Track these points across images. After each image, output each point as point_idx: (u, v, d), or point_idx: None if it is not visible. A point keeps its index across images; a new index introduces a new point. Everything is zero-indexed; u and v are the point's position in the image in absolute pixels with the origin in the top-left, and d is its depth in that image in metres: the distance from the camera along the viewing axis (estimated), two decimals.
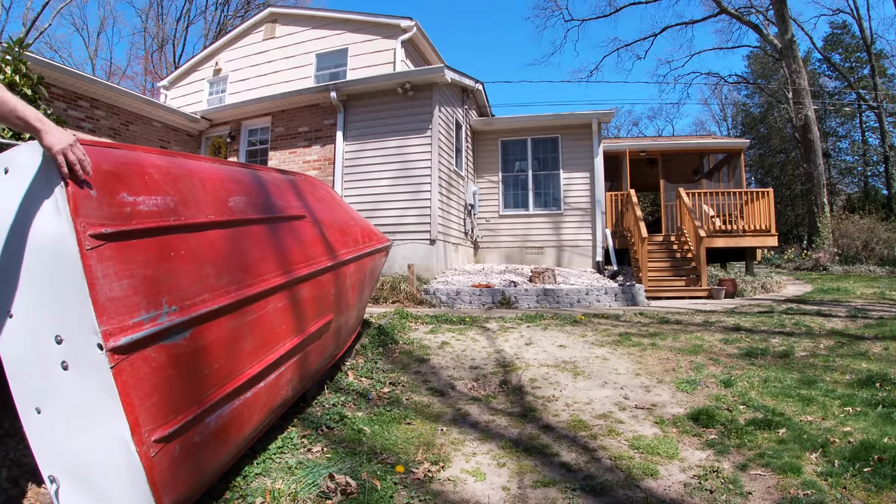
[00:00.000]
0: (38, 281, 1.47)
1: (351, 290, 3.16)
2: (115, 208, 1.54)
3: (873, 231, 15.39)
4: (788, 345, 4.33)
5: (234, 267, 1.96)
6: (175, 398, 1.57)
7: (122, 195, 1.58)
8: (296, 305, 2.34)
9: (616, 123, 39.67)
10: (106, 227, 1.48)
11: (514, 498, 2.00)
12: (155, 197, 1.70)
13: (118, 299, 1.46)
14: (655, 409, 2.94)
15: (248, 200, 2.23)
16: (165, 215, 1.71)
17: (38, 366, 1.49)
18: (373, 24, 10.67)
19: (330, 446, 2.39)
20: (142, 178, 1.69)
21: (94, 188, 1.49)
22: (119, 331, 1.43)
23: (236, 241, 2.04)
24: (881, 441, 2.33)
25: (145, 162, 1.76)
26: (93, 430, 1.45)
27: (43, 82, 4.01)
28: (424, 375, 3.59)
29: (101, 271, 1.43)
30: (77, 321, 1.41)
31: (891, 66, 27.48)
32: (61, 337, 1.45)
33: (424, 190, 8.36)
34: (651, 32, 31.02)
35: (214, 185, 2.05)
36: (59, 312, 1.45)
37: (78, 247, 1.40)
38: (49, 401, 1.50)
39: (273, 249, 2.25)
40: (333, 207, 3.32)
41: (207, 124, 10.42)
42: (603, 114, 10.25)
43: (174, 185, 1.81)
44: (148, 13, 29.75)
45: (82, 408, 1.45)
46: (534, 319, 5.54)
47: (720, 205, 10.58)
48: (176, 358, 1.59)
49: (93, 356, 1.40)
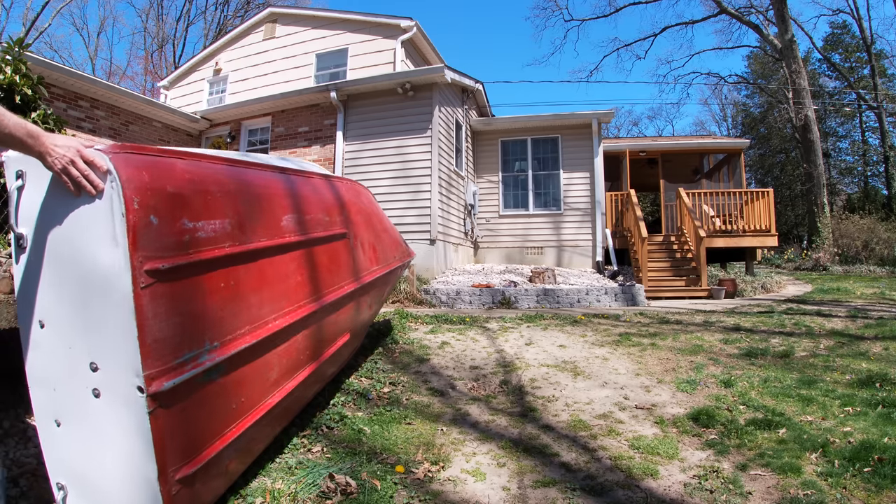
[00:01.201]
0: (80, 302, 1.37)
1: (370, 308, 3.13)
2: (174, 238, 1.43)
3: (873, 231, 15.39)
4: (788, 345, 4.33)
5: (277, 295, 1.87)
6: (202, 435, 1.52)
7: (183, 221, 1.47)
8: (320, 331, 2.28)
9: (616, 123, 39.69)
10: (163, 261, 1.38)
11: (514, 498, 2.00)
12: (214, 221, 1.58)
13: (165, 340, 1.37)
14: (655, 409, 2.94)
15: (297, 219, 2.11)
16: (221, 241, 1.60)
17: (65, 383, 1.43)
18: (373, 24, 10.67)
19: (330, 446, 2.39)
20: (204, 199, 1.56)
21: (155, 215, 1.37)
22: (161, 374, 1.35)
23: (282, 268, 1.94)
24: (881, 441, 2.33)
25: (210, 178, 1.62)
26: (115, 460, 1.40)
27: (43, 82, 4.00)
28: (424, 375, 3.59)
29: (151, 312, 1.33)
30: (118, 358, 1.33)
31: (891, 66, 27.48)
32: (97, 365, 1.37)
33: (424, 190, 8.36)
34: (651, 32, 31.09)
35: (270, 201, 1.93)
36: (99, 341, 1.36)
37: (132, 285, 1.29)
38: (71, 419, 1.44)
39: (312, 275, 2.16)
40: (371, 218, 3.19)
41: (207, 124, 10.41)
42: (603, 114, 10.25)
43: (233, 205, 1.69)
44: (148, 13, 29.79)
45: (108, 437, 1.39)
46: (534, 319, 5.54)
47: (720, 205, 10.58)
48: (208, 396, 1.53)
49: (130, 395, 1.33)
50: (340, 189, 2.79)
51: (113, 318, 1.32)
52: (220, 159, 1.76)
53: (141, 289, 1.31)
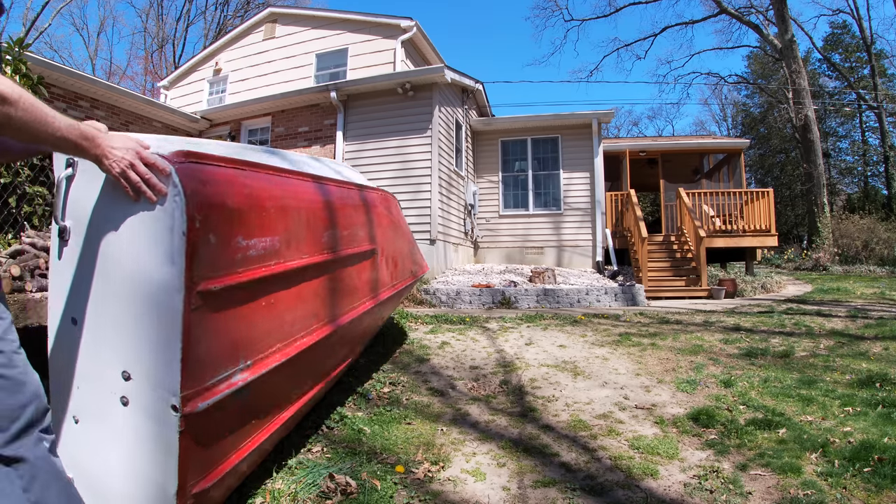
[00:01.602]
0: (121, 309, 1.32)
1: (381, 320, 3.15)
2: (228, 257, 1.39)
3: (873, 231, 15.39)
4: (788, 345, 4.33)
5: (308, 313, 1.85)
6: (223, 449, 1.51)
7: (238, 239, 1.43)
8: (337, 346, 2.29)
9: (616, 123, 39.72)
10: (216, 282, 1.34)
11: (514, 498, 2.00)
12: (265, 238, 1.54)
13: (204, 360, 1.34)
14: (655, 409, 2.94)
15: (335, 235, 2.08)
16: (269, 259, 1.56)
17: (90, 383, 1.40)
18: (373, 24, 10.67)
19: (330, 446, 2.39)
20: (259, 215, 1.52)
21: (214, 234, 1.33)
22: (196, 395, 1.32)
23: (317, 285, 1.92)
24: (881, 441, 2.33)
25: (265, 192, 1.58)
26: (131, 468, 1.36)
27: (43, 82, 4.00)
28: (424, 375, 3.59)
29: (197, 333, 1.30)
30: (156, 374, 1.29)
31: (891, 66, 27.49)
32: (130, 375, 1.32)
33: (424, 190, 8.35)
34: (651, 32, 31.12)
35: (314, 217, 1.89)
36: (136, 352, 1.31)
37: (183, 307, 1.25)
38: (91, 419, 1.41)
39: (339, 293, 2.14)
40: (398, 232, 3.15)
41: (207, 124, 10.41)
42: (603, 114, 10.25)
43: (282, 221, 1.65)
44: (148, 13, 29.80)
45: (128, 445, 1.36)
46: (534, 319, 5.54)
47: (720, 205, 10.58)
48: (235, 413, 1.52)
49: (162, 412, 1.30)
50: (375, 202, 2.76)
51: (156, 335, 1.28)
52: (272, 170, 1.70)
53: (192, 310, 1.26)
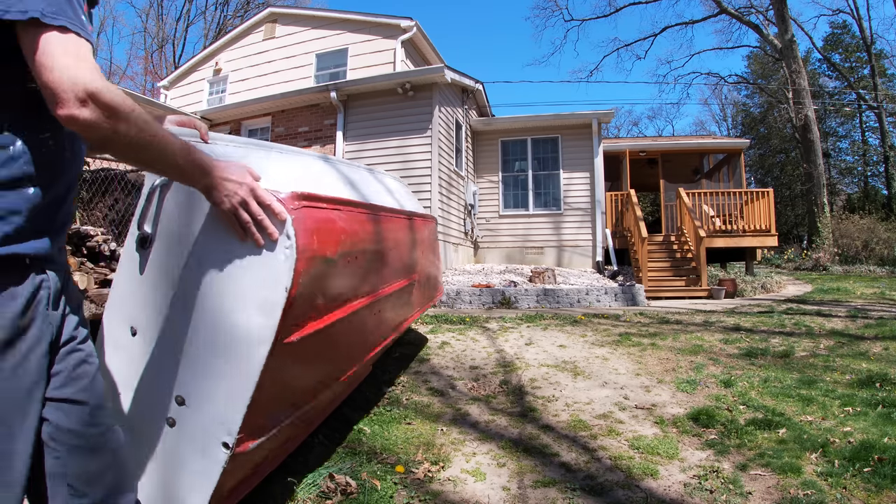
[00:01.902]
0: (192, 337, 1.25)
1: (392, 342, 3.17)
2: (315, 302, 1.33)
3: (873, 231, 15.40)
4: (788, 345, 4.33)
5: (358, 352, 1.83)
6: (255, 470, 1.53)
7: (329, 285, 1.37)
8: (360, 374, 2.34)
9: (616, 123, 39.73)
10: (301, 332, 1.29)
11: (514, 498, 2.00)
12: (350, 281, 1.49)
13: (266, 405, 1.30)
14: (655, 409, 2.94)
15: (394, 269, 2.03)
16: (345, 301, 1.51)
17: (139, 397, 1.35)
18: (373, 24, 10.67)
19: (330, 446, 2.39)
20: (351, 260, 1.47)
21: (312, 285, 1.27)
22: (249, 437, 1.28)
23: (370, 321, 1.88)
24: (881, 441, 2.33)
25: (358, 234, 1.51)
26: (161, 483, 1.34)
27: None
28: (424, 375, 3.59)
29: (270, 380, 1.24)
30: (215, 410, 1.24)
31: (891, 66, 27.50)
32: (184, 401, 1.26)
33: (424, 190, 8.35)
34: (651, 32, 31.12)
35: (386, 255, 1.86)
36: (198, 383, 1.25)
37: (267, 356, 1.18)
38: (131, 431, 1.36)
39: (378, 328, 2.11)
40: (432, 256, 3.13)
41: (207, 124, 10.42)
42: (603, 114, 10.25)
43: (366, 262, 1.61)
44: (148, 13, 29.80)
45: (163, 463, 1.32)
46: (534, 319, 5.54)
47: (720, 205, 10.58)
48: (273, 441, 1.50)
49: (211, 446, 1.25)
50: (421, 230, 2.71)
51: (228, 376, 1.22)
52: (364, 206, 1.65)
53: (271, 357, 1.21)
